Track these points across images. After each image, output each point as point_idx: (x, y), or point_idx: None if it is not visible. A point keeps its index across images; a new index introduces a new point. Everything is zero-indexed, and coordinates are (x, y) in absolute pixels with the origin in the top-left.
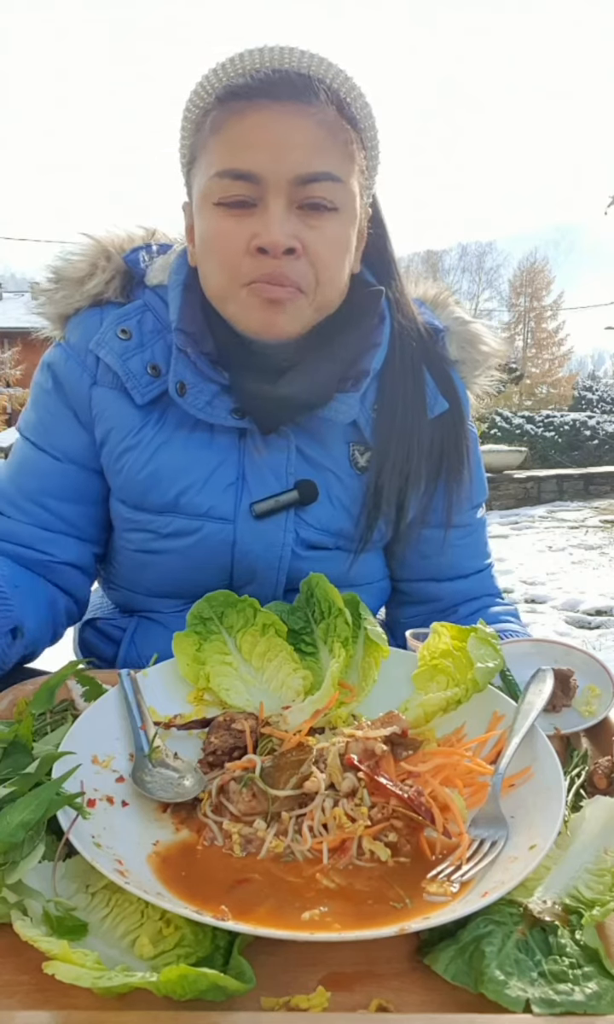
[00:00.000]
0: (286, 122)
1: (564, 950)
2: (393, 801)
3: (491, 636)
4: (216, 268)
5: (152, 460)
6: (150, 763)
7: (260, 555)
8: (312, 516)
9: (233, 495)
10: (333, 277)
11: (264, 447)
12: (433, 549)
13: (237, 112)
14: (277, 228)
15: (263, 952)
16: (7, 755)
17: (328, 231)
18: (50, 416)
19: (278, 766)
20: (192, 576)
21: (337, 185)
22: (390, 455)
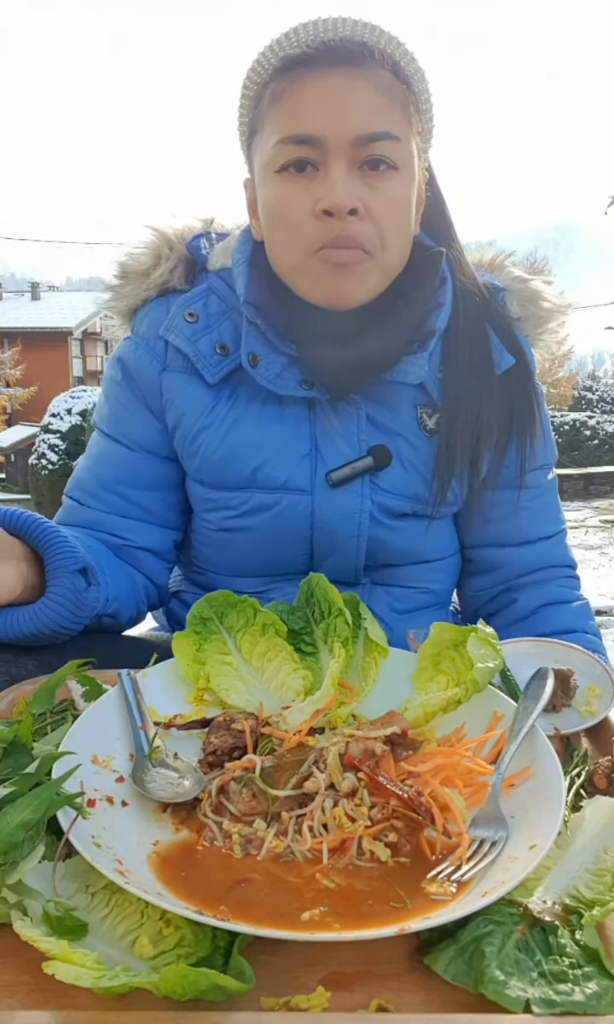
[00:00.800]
0: (344, 85)
1: (564, 950)
2: (393, 801)
3: (491, 636)
4: (283, 236)
5: (227, 438)
6: (150, 763)
7: (339, 524)
8: (387, 481)
9: (308, 466)
10: (397, 237)
11: (334, 416)
12: (501, 512)
13: (296, 80)
14: (341, 189)
15: (263, 952)
16: (7, 755)
17: (390, 190)
18: (121, 407)
19: (278, 766)
20: (273, 552)
21: (397, 143)
22: (460, 414)
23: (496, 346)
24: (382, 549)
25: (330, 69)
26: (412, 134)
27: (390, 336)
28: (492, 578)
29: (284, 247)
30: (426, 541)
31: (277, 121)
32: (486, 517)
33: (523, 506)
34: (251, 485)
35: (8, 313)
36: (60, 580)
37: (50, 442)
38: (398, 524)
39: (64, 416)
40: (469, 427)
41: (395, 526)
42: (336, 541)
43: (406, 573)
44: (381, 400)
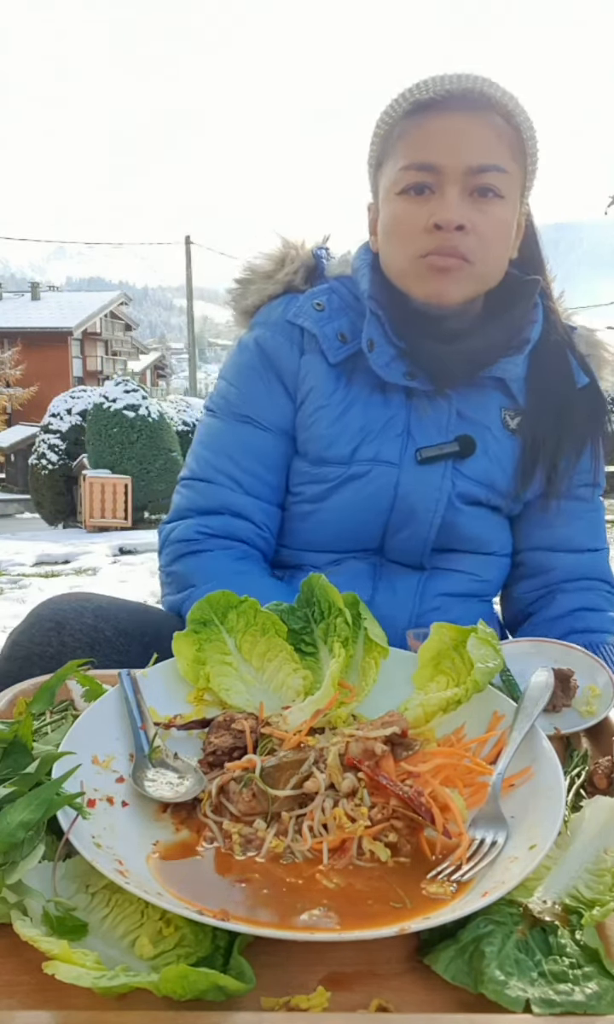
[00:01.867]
0: (462, 123)
1: (564, 950)
2: (393, 801)
3: (491, 636)
4: (398, 245)
5: (338, 420)
6: (150, 763)
7: (419, 499)
8: (469, 468)
9: (400, 443)
10: (495, 252)
11: (429, 406)
12: (561, 519)
13: (422, 121)
14: (451, 207)
15: (263, 952)
16: (7, 755)
17: (494, 214)
18: (258, 390)
19: (278, 766)
20: (351, 523)
21: (503, 176)
22: (544, 416)
23: (575, 365)
24: (451, 531)
25: (451, 112)
26: (517, 170)
27: (493, 336)
28: (539, 581)
29: (397, 253)
30: (493, 532)
31: (403, 152)
32: (547, 522)
33: (580, 516)
34: (349, 460)
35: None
36: None
37: (50, 442)
38: (470, 510)
39: (64, 416)
40: (552, 430)
41: (467, 511)
42: (414, 515)
43: (465, 561)
44: (471, 398)
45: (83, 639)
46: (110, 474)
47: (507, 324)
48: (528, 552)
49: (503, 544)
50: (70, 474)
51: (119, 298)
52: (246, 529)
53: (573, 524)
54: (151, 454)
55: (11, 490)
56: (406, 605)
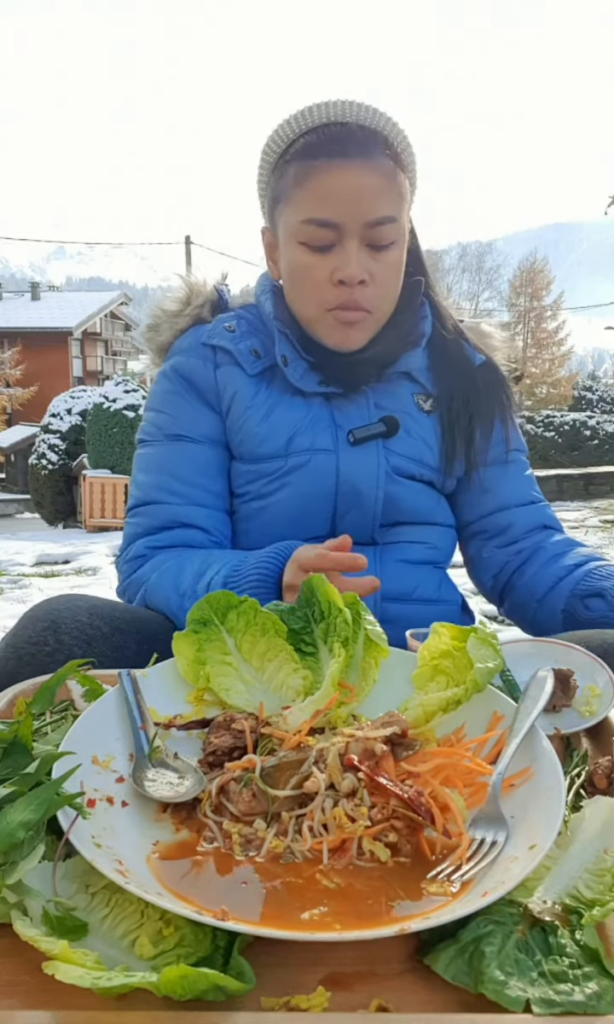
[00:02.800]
0: (358, 178)
1: (564, 950)
2: (393, 801)
3: (491, 636)
4: (305, 296)
5: (265, 419)
6: (150, 763)
7: (361, 479)
8: (398, 446)
9: (331, 432)
10: (392, 295)
11: (349, 405)
12: (493, 483)
13: (317, 168)
14: (354, 265)
15: (263, 952)
16: (7, 755)
17: (389, 260)
18: (182, 411)
19: (278, 766)
20: (301, 511)
21: (395, 225)
22: (454, 396)
23: (469, 348)
24: (395, 504)
25: (346, 162)
26: (404, 209)
27: (391, 340)
28: (505, 538)
29: (303, 302)
30: (433, 505)
31: (302, 202)
32: (486, 488)
33: (512, 476)
34: (285, 452)
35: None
36: None
37: (50, 442)
38: (408, 484)
39: (64, 416)
40: (462, 406)
41: (406, 484)
42: (359, 494)
43: (415, 531)
44: (385, 391)
45: (79, 636)
46: (110, 474)
47: (401, 327)
48: (483, 519)
49: (445, 516)
50: (70, 474)
51: (119, 298)
52: (198, 536)
53: (511, 483)
54: None
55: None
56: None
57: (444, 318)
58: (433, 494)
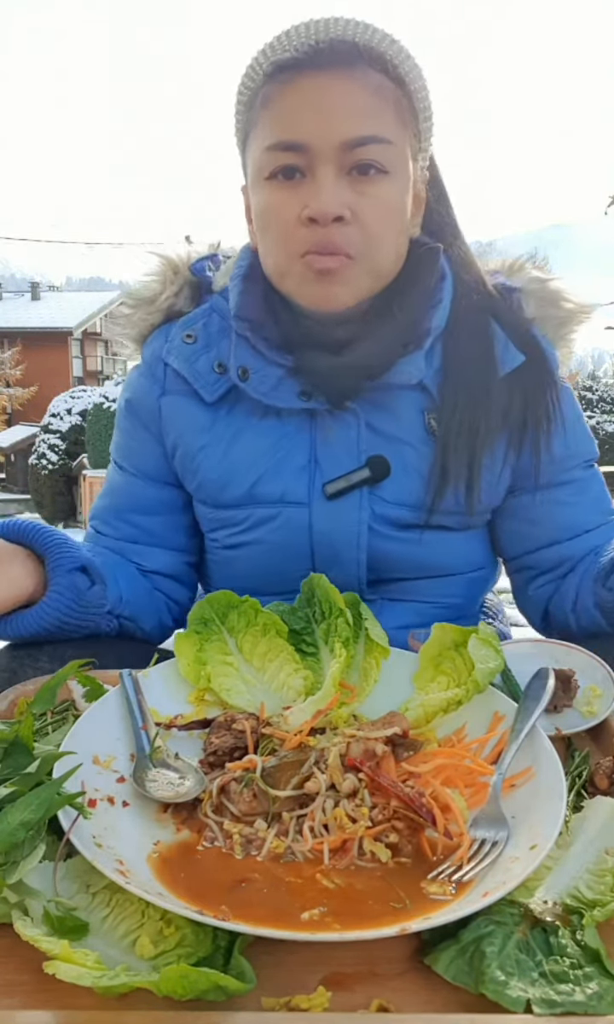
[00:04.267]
0: (331, 88)
1: (565, 950)
2: (394, 802)
3: (492, 637)
4: (272, 242)
5: (226, 456)
6: (151, 763)
7: (338, 537)
8: (387, 491)
9: (306, 478)
10: (384, 241)
11: (334, 425)
12: (541, 512)
13: (284, 84)
14: (326, 196)
15: (264, 952)
16: (8, 755)
17: (379, 195)
18: (126, 435)
19: (279, 766)
20: (276, 567)
21: (387, 147)
22: (456, 415)
23: (502, 344)
24: (385, 561)
25: (318, 72)
26: (406, 135)
27: (384, 338)
28: (559, 572)
29: (272, 252)
30: (438, 554)
31: (266, 127)
32: (529, 518)
33: (566, 502)
34: (250, 502)
35: (8, 313)
36: (59, 578)
37: (50, 442)
38: (403, 535)
39: (64, 416)
40: (466, 429)
41: (400, 537)
42: (337, 554)
43: (418, 587)
44: (384, 407)
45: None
46: None
47: (401, 318)
48: (532, 554)
49: (465, 562)
50: (70, 474)
51: (119, 298)
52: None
53: (565, 512)
54: None
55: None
56: None
57: (472, 299)
58: (449, 539)
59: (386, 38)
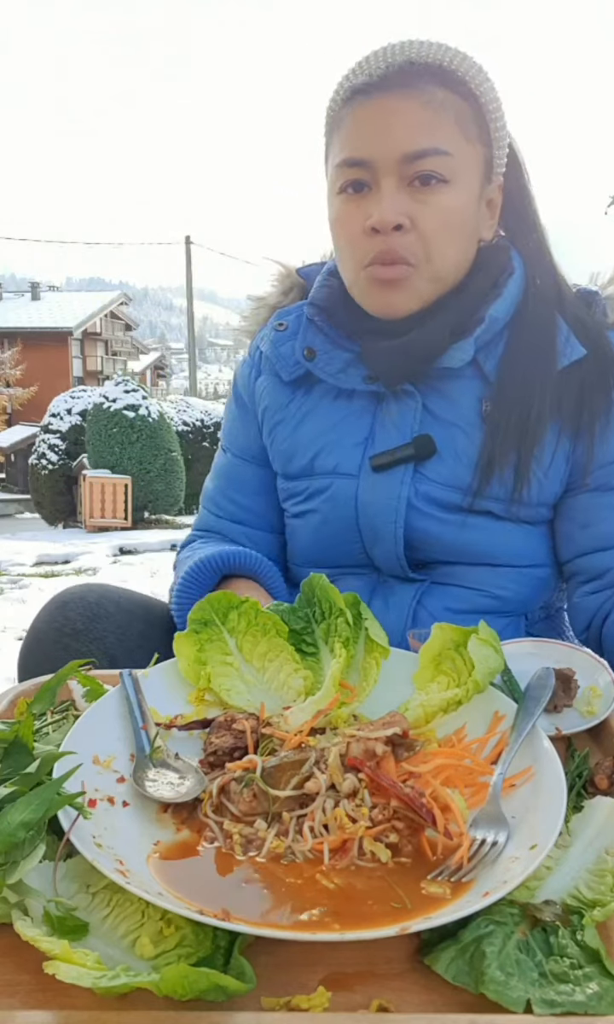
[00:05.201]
0: (392, 107)
1: (565, 950)
2: (394, 802)
3: (492, 637)
4: (342, 252)
5: (295, 431)
6: (151, 763)
7: (378, 509)
8: (433, 471)
9: (360, 452)
10: (445, 247)
11: (395, 407)
12: (593, 514)
13: (355, 107)
14: (386, 205)
15: (264, 952)
16: (8, 755)
17: (439, 203)
18: (232, 419)
19: (279, 767)
20: (330, 538)
21: (446, 158)
22: (508, 401)
23: (563, 336)
24: (424, 540)
25: (383, 94)
26: (469, 144)
27: (438, 326)
28: (599, 583)
29: (343, 262)
30: (485, 540)
31: (337, 146)
32: (581, 521)
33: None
34: (310, 473)
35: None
36: None
37: (50, 442)
38: (445, 516)
39: (64, 416)
40: (516, 414)
41: (442, 518)
42: (377, 527)
43: (465, 573)
44: (442, 391)
45: (85, 612)
46: (110, 474)
47: (457, 309)
48: (579, 559)
49: (520, 554)
50: (70, 474)
51: (119, 298)
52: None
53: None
54: (151, 454)
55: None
56: (398, 621)
57: (542, 294)
58: (494, 527)
59: (455, 55)
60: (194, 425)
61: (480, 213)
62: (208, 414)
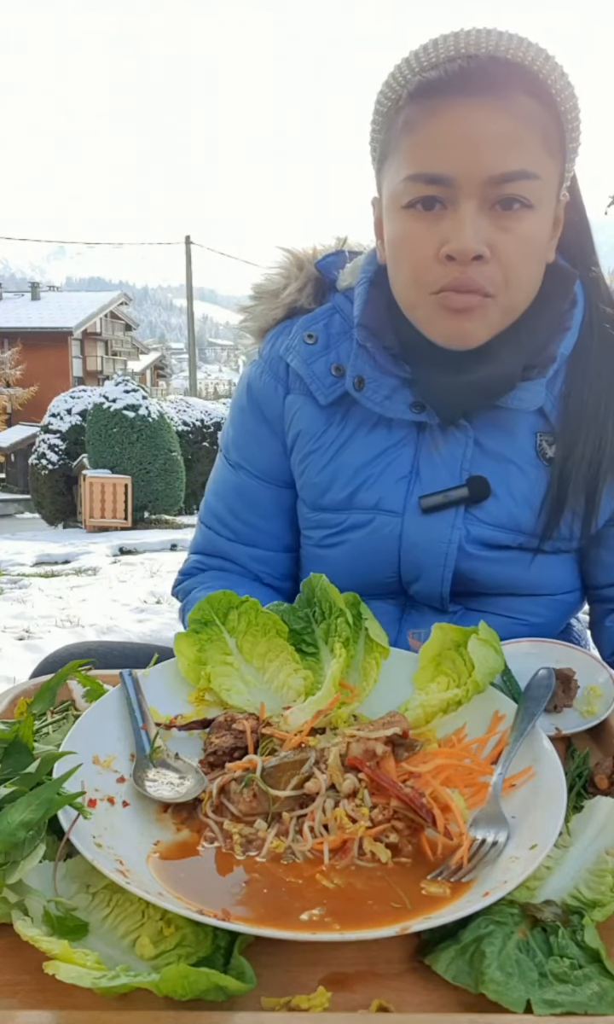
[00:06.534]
0: (479, 119)
1: (565, 951)
2: (394, 802)
3: (492, 637)
4: (405, 274)
5: (332, 462)
6: (151, 763)
7: (425, 551)
8: (487, 513)
9: (404, 488)
10: (523, 279)
11: (442, 441)
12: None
13: (430, 110)
14: (468, 234)
15: (264, 952)
16: (8, 755)
17: (521, 231)
18: (247, 435)
19: (279, 767)
20: (362, 571)
21: (533, 182)
22: (578, 442)
23: None
24: (471, 580)
25: (466, 99)
26: (552, 164)
27: (507, 362)
28: None
29: (405, 284)
30: (528, 575)
31: (409, 154)
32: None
33: None
34: (348, 507)
35: (8, 313)
36: None
37: (50, 442)
38: (495, 555)
39: (64, 416)
40: (588, 457)
41: (491, 558)
42: (422, 567)
43: (502, 603)
44: (496, 425)
45: None
46: (110, 474)
47: (527, 343)
48: (610, 587)
49: (555, 584)
50: (70, 474)
51: (119, 298)
52: (235, 572)
53: None
54: (151, 454)
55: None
56: None
57: (602, 322)
58: (541, 562)
59: (540, 54)
60: (194, 425)
61: (552, 235)
62: (208, 414)
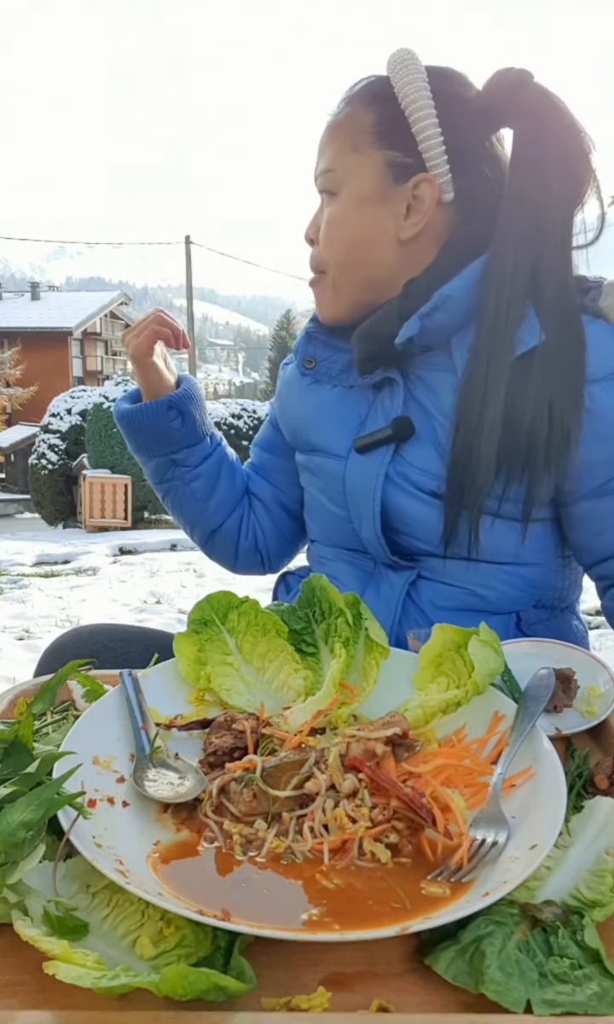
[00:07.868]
0: (324, 135)
1: (565, 951)
2: (394, 802)
3: (493, 638)
4: None
5: (301, 408)
6: (151, 763)
7: (360, 486)
8: (412, 455)
9: (351, 435)
10: (334, 253)
11: (388, 397)
12: (603, 525)
13: None
14: (310, 222)
15: (263, 952)
16: (8, 755)
17: (328, 215)
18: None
19: (279, 767)
20: (331, 515)
21: (331, 175)
22: (467, 392)
23: (527, 325)
24: (401, 520)
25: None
26: (356, 154)
27: (386, 306)
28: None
29: None
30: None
31: None
32: (595, 529)
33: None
34: (310, 450)
35: (8, 313)
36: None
37: (50, 442)
38: (422, 498)
39: (64, 416)
40: (471, 404)
41: (418, 497)
42: (359, 506)
43: (448, 569)
44: (425, 381)
45: (79, 652)
46: (110, 474)
47: (414, 291)
48: (600, 565)
49: (505, 553)
50: (70, 474)
51: (119, 298)
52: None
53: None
54: None
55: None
56: (388, 612)
57: (506, 272)
58: (489, 524)
59: (389, 62)
60: None
61: (384, 215)
62: (208, 414)
